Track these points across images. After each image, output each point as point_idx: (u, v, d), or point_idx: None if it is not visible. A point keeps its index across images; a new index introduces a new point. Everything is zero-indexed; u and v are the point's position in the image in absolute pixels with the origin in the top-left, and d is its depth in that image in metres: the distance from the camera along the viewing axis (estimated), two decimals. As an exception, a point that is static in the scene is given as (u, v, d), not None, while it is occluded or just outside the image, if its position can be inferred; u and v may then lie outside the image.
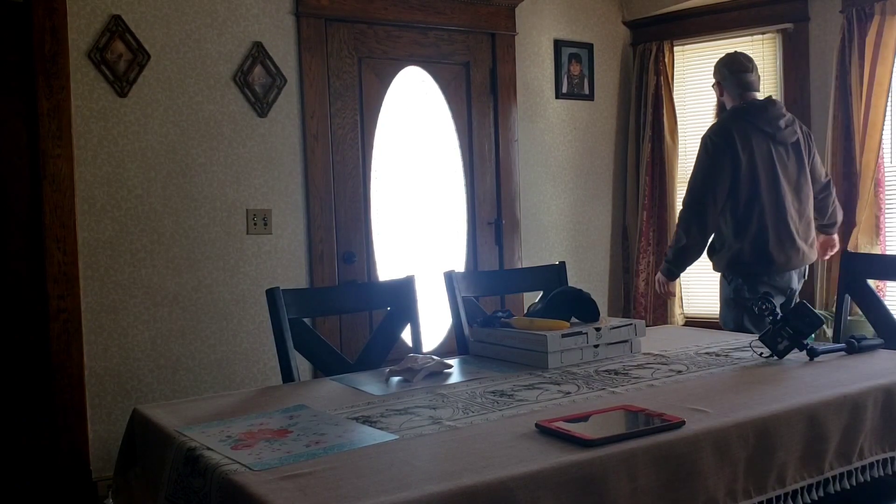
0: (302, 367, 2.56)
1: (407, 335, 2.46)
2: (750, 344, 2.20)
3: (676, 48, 4.56)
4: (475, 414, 1.58)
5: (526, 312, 2.38)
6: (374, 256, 3.85)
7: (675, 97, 4.51)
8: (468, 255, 4.17)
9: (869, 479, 1.68)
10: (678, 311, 4.51)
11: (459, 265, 4.14)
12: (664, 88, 4.49)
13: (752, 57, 3.19)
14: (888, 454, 1.72)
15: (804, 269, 3.17)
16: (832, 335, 2.86)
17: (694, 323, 4.35)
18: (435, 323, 3.89)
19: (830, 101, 4.02)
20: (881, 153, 3.90)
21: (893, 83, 3.87)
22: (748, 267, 3.04)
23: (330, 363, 2.29)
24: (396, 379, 1.94)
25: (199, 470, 1.35)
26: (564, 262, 2.92)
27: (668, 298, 4.26)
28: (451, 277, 2.60)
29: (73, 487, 3.14)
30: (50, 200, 3.09)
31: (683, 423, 1.44)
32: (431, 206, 4.07)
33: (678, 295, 4.48)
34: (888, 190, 3.97)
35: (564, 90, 4.46)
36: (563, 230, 4.49)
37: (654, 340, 2.35)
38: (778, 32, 4.34)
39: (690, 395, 1.69)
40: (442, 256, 4.06)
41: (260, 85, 3.53)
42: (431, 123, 4.07)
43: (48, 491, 3.12)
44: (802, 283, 3.19)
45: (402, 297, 2.45)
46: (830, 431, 1.61)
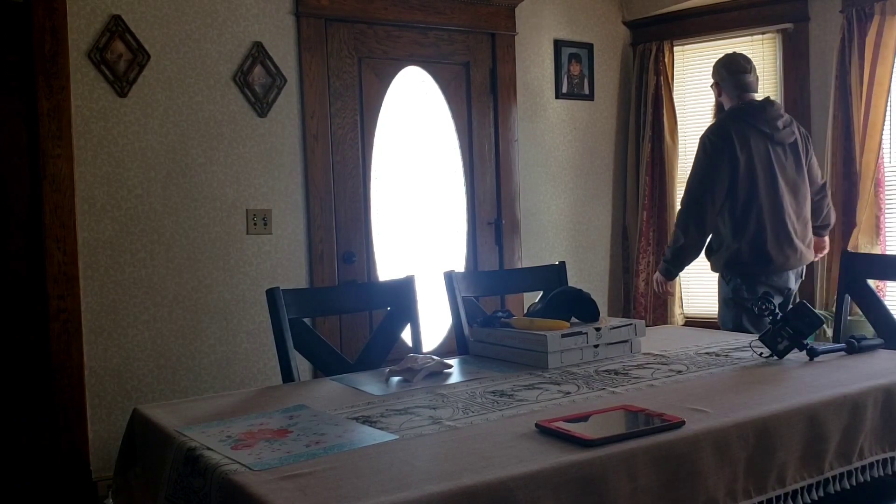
0: (302, 367, 2.56)
1: (407, 335, 2.46)
2: (750, 344, 2.20)
3: (676, 48, 4.56)
4: (475, 414, 1.58)
5: (526, 312, 2.38)
6: (374, 256, 3.85)
7: (674, 97, 4.52)
8: (468, 255, 4.17)
9: (869, 479, 1.68)
10: (678, 311, 4.51)
11: (459, 265, 4.14)
12: (664, 88, 4.49)
13: (750, 58, 3.20)
14: (888, 454, 1.72)
15: (801, 269, 3.18)
16: (832, 335, 2.86)
17: (694, 323, 4.35)
18: (435, 323, 3.89)
19: (830, 101, 4.02)
20: (881, 153, 3.90)
21: (893, 83, 3.87)
22: (746, 267, 3.04)
23: (330, 363, 2.29)
24: (396, 379, 1.94)
25: (199, 470, 1.35)
26: (564, 262, 2.92)
27: (666, 298, 4.26)
28: (451, 277, 2.60)
29: (73, 487, 3.14)
30: (50, 200, 3.09)
31: (683, 423, 1.44)
32: (431, 206, 4.07)
33: (678, 295, 4.49)
34: (888, 190, 3.97)
35: (564, 90, 4.46)
36: (563, 230, 4.49)
37: (654, 340, 2.35)
38: (778, 32, 4.34)
39: (690, 395, 1.69)
40: (442, 256, 4.06)
41: (260, 85, 3.54)
42: (431, 123, 4.07)
43: (48, 491, 3.12)
44: (799, 283, 3.19)
45: (402, 297, 2.45)
46: (830, 431, 1.61)
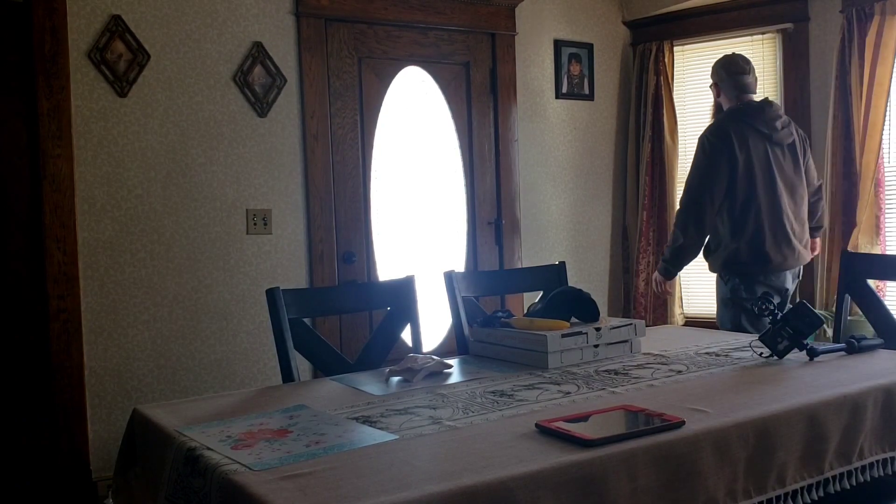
0: (302, 367, 2.56)
1: (407, 335, 2.46)
2: (750, 344, 2.20)
3: (676, 48, 4.56)
4: (475, 414, 1.58)
5: (526, 312, 2.38)
6: (374, 256, 3.85)
7: (674, 97, 4.51)
8: (468, 255, 4.17)
9: (869, 479, 1.68)
10: (678, 310, 4.51)
11: (459, 265, 4.14)
12: (664, 88, 4.49)
13: (749, 59, 3.20)
14: (888, 454, 1.72)
15: (798, 269, 3.19)
16: (832, 335, 2.86)
17: (694, 323, 4.35)
18: (435, 323, 3.89)
19: (830, 101, 4.02)
20: (881, 153, 3.90)
21: (893, 83, 3.87)
22: (745, 266, 3.05)
23: (330, 363, 2.29)
24: (396, 379, 1.94)
25: (199, 470, 1.35)
26: (564, 262, 2.92)
27: (665, 297, 4.26)
28: (451, 277, 2.60)
29: (73, 487, 3.14)
30: (50, 200, 3.09)
31: (683, 423, 1.44)
32: (431, 206, 4.07)
33: (678, 295, 4.49)
34: (888, 190, 3.97)
35: (564, 90, 4.46)
36: (563, 230, 4.48)
37: (654, 340, 2.35)
38: (778, 32, 4.34)
39: (690, 395, 1.69)
40: (442, 256, 4.06)
41: (260, 85, 3.54)
42: (431, 123, 4.07)
43: (48, 491, 3.12)
44: (796, 283, 3.20)
45: (402, 297, 2.45)
46: (830, 431, 1.61)
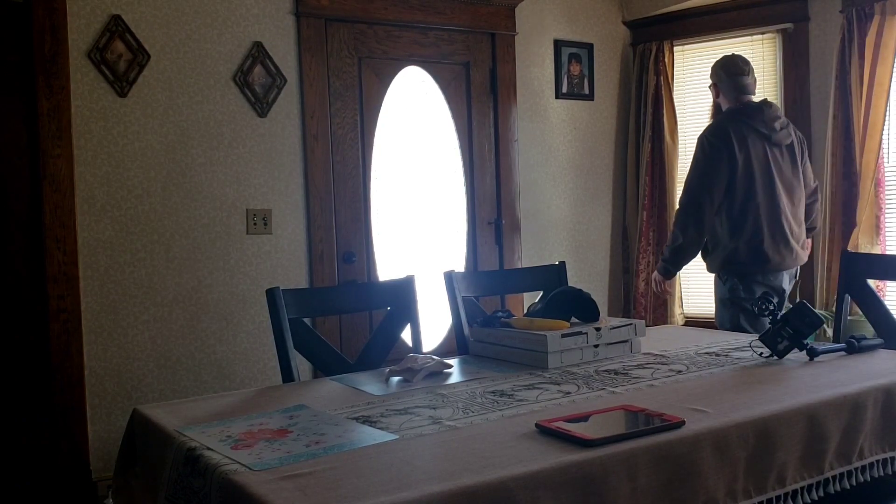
0: (302, 367, 2.56)
1: (407, 335, 2.46)
2: (750, 344, 2.20)
3: (676, 48, 4.56)
4: (475, 414, 1.58)
5: (526, 312, 2.38)
6: (374, 256, 3.85)
7: (674, 97, 4.51)
8: (468, 255, 4.17)
9: (869, 479, 1.68)
10: (678, 310, 4.51)
11: (459, 265, 4.14)
12: (664, 88, 4.49)
13: (748, 60, 3.20)
14: (888, 454, 1.72)
15: (795, 270, 3.19)
16: (832, 335, 2.86)
17: (694, 323, 4.35)
18: (435, 323, 3.89)
19: (830, 101, 4.02)
20: (881, 153, 3.90)
21: (893, 83, 3.87)
22: (743, 266, 3.05)
23: (330, 363, 2.29)
24: (396, 379, 1.94)
25: (199, 470, 1.35)
26: (564, 262, 2.92)
27: (665, 297, 4.26)
28: (451, 277, 2.60)
29: (73, 487, 3.14)
30: (50, 200, 3.09)
31: (683, 423, 1.44)
32: (431, 206, 4.07)
33: (678, 295, 4.49)
34: (888, 190, 3.97)
35: (564, 90, 4.46)
36: (563, 230, 4.48)
37: (654, 340, 2.35)
38: (778, 32, 4.34)
39: (690, 395, 1.69)
40: (442, 256, 4.06)
41: (260, 85, 3.53)
42: (431, 123, 4.07)
43: (48, 491, 3.12)
44: (793, 284, 3.21)
45: (402, 297, 2.45)
46: (830, 431, 1.61)
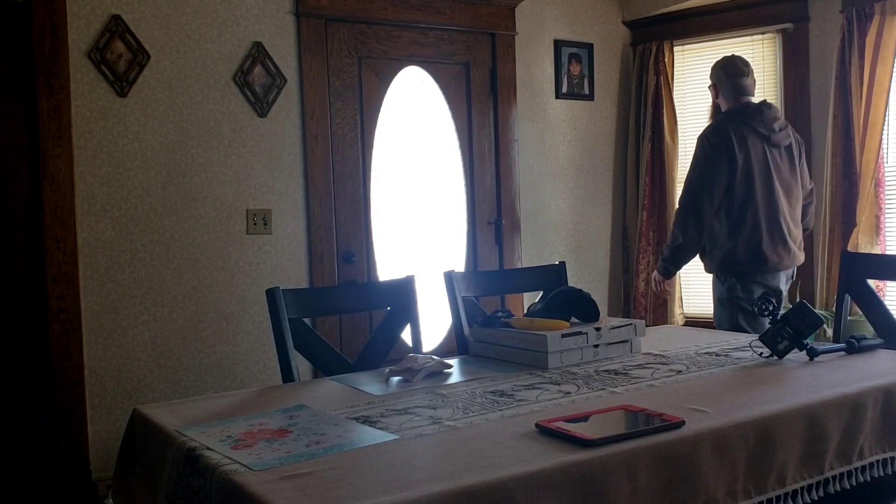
0: (302, 367, 2.56)
1: (407, 335, 2.46)
2: (750, 344, 2.20)
3: (676, 48, 4.56)
4: (475, 414, 1.58)
5: (526, 312, 2.38)
6: (374, 256, 3.85)
7: (674, 97, 4.51)
8: (468, 255, 4.17)
9: (869, 479, 1.68)
10: (678, 310, 4.51)
11: (459, 265, 4.14)
12: (664, 88, 4.49)
13: (748, 61, 3.21)
14: (888, 454, 1.72)
15: (792, 271, 3.20)
16: (832, 335, 2.87)
17: (694, 323, 4.35)
18: (435, 323, 3.89)
19: (830, 101, 4.02)
20: (881, 153, 3.90)
21: (893, 83, 3.87)
22: (742, 266, 3.06)
23: (330, 363, 2.29)
24: (396, 379, 1.94)
25: (199, 470, 1.35)
26: (564, 262, 2.92)
27: (665, 297, 4.26)
28: (451, 277, 2.60)
29: (73, 487, 3.14)
30: (50, 200, 3.09)
31: (683, 423, 1.44)
32: (431, 206, 4.07)
33: (678, 295, 4.49)
34: (888, 190, 3.97)
35: (564, 90, 4.46)
36: (563, 230, 4.48)
37: (654, 340, 2.35)
38: (778, 32, 4.34)
39: (690, 395, 1.69)
40: (442, 256, 4.06)
41: (260, 85, 3.53)
42: (431, 123, 4.07)
43: (48, 491, 3.12)
44: (789, 284, 3.21)
45: (402, 297, 2.45)
46: (830, 431, 1.61)
